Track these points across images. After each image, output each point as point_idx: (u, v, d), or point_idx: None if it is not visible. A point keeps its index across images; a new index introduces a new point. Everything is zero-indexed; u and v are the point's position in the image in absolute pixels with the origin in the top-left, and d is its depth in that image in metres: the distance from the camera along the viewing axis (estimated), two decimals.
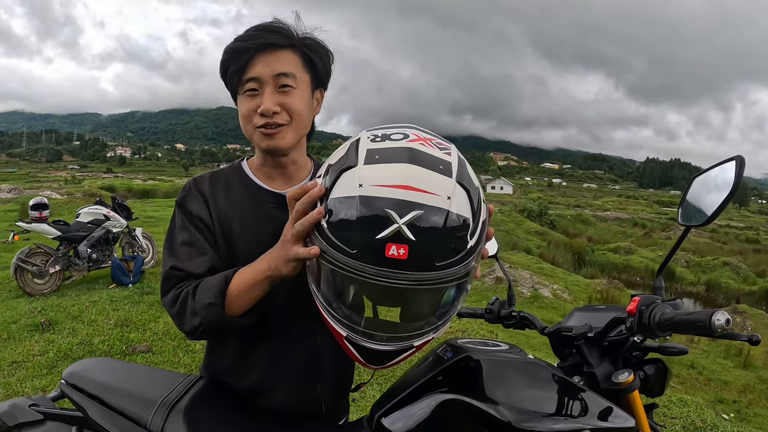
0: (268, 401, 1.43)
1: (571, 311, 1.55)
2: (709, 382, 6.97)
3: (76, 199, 21.71)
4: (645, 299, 1.18)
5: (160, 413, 1.31)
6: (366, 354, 1.09)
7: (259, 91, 1.33)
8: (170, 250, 1.37)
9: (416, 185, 0.96)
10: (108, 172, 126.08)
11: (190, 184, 1.45)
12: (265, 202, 1.43)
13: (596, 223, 40.18)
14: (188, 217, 1.39)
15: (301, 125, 1.40)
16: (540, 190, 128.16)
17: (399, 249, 0.93)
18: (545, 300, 11.28)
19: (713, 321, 1.02)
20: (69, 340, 5.22)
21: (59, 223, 7.79)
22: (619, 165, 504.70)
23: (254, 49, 1.31)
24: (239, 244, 1.39)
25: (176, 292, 1.29)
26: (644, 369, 1.32)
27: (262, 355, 1.42)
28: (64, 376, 1.50)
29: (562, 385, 1.24)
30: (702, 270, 20.79)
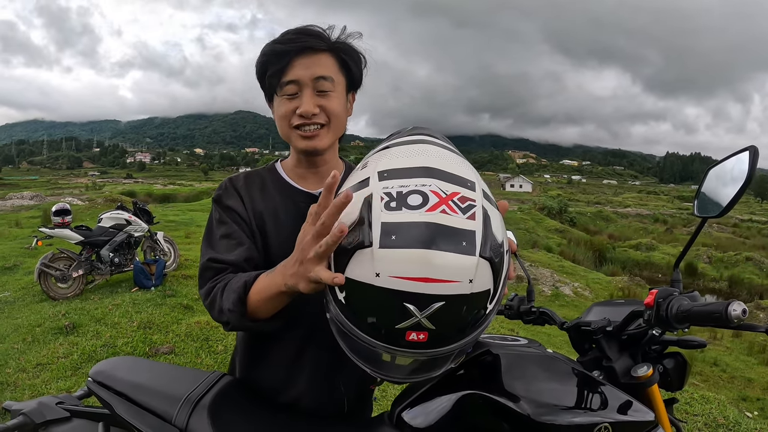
0: (292, 398, 1.46)
1: (590, 306, 1.55)
2: (733, 380, 6.87)
3: (97, 204, 22.00)
4: (662, 291, 1.18)
5: (185, 409, 1.34)
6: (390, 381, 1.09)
7: (298, 94, 1.36)
8: (209, 243, 1.40)
9: (438, 276, 0.88)
10: (128, 177, 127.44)
11: (227, 182, 1.50)
12: (298, 202, 1.46)
13: (617, 219, 39.80)
14: (226, 212, 1.43)
15: (338, 127, 1.44)
16: (559, 188, 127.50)
17: (419, 335, 0.90)
18: (566, 298, 11.23)
19: (729, 311, 1.02)
20: (93, 343, 5.30)
21: (81, 229, 7.91)
22: (639, 160, 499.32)
23: (294, 51, 1.34)
24: (273, 242, 1.42)
25: (210, 286, 1.31)
26: (663, 363, 1.32)
27: (287, 353, 1.45)
28: (91, 374, 1.53)
29: (581, 378, 1.24)
30: (724, 266, 20.46)
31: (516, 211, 32.26)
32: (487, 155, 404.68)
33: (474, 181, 1.00)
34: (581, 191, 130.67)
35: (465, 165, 1.06)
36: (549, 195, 55.08)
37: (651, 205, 73.96)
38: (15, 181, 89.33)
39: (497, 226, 0.98)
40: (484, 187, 1.03)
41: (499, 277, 0.95)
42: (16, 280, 8.73)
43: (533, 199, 53.66)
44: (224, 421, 1.33)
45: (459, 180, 0.99)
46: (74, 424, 1.51)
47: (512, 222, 26.55)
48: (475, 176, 1.03)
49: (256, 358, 1.50)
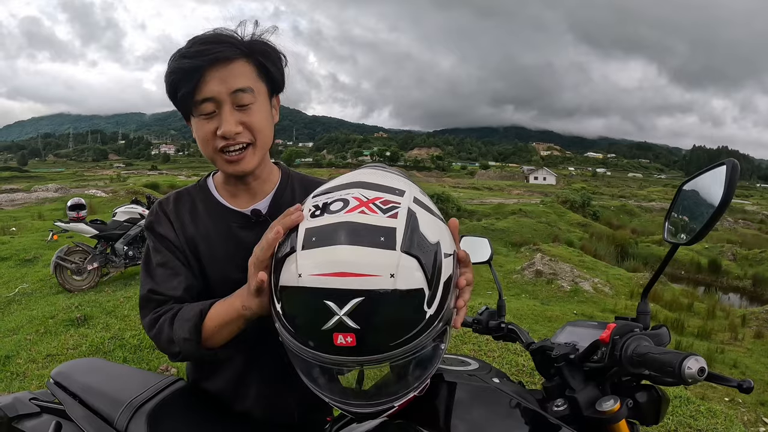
0: (242, 406, 1.45)
1: (564, 325, 1.42)
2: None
3: (119, 197, 22.25)
4: (621, 327, 1.07)
5: (126, 413, 1.35)
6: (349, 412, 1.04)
7: (217, 112, 1.25)
8: (147, 272, 1.36)
9: (354, 270, 0.87)
10: (153, 169, 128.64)
11: (156, 208, 1.44)
12: (229, 222, 1.41)
13: (641, 214, 39.22)
14: (159, 240, 1.38)
15: (265, 142, 1.34)
16: (584, 181, 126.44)
17: (346, 338, 0.87)
18: (585, 294, 11.07)
19: (684, 368, 0.90)
20: (102, 335, 5.38)
21: (96, 223, 8.06)
22: (665, 153, 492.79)
23: (205, 65, 1.22)
24: (208, 265, 1.38)
25: (154, 317, 1.28)
26: (635, 396, 1.16)
27: (238, 361, 1.43)
28: (52, 375, 1.59)
29: (529, 417, 1.14)
30: (749, 263, 20.00)
31: (538, 204, 32.02)
32: (511, 147, 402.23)
33: (404, 190, 1.00)
34: (606, 184, 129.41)
35: (400, 180, 1.05)
36: (572, 188, 54.65)
37: None
38: (41, 174, 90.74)
39: (430, 228, 0.95)
40: (419, 196, 1.01)
41: (434, 279, 0.92)
42: (35, 272, 8.92)
43: (557, 192, 53.28)
44: (162, 425, 1.35)
45: (385, 188, 0.99)
46: (43, 419, 1.54)
47: (534, 215, 26.37)
48: (408, 187, 1.02)
49: (205, 370, 1.48)
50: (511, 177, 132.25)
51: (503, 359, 4.80)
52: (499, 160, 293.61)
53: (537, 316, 8.28)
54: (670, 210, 1.21)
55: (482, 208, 31.94)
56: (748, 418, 5.53)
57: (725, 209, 1.02)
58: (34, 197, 24.95)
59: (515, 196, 52.01)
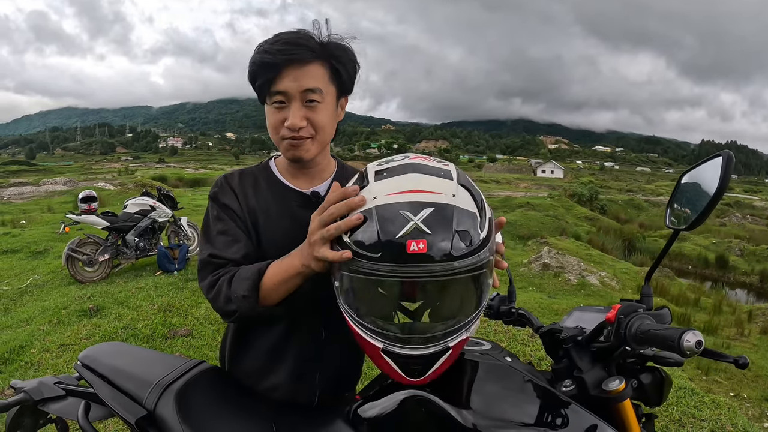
0: (270, 383, 1.52)
1: (572, 310, 1.50)
2: (757, 379, 6.66)
3: (128, 189, 22.35)
4: (626, 307, 1.13)
5: (155, 393, 1.41)
6: (404, 364, 1.12)
7: (287, 104, 1.38)
8: (207, 239, 1.45)
9: (423, 188, 1.06)
10: (160, 162, 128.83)
11: (222, 180, 1.54)
12: (289, 200, 1.52)
13: (648, 208, 38.97)
14: (222, 209, 1.47)
15: (325, 137, 1.46)
16: (591, 174, 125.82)
17: (419, 244, 0.99)
18: (592, 288, 11.05)
19: (683, 341, 0.95)
20: (114, 325, 5.46)
21: (107, 215, 8.12)
22: (674, 148, 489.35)
23: (282, 64, 1.34)
24: (264, 238, 1.47)
25: (213, 278, 1.37)
26: (640, 377, 1.24)
27: (275, 336, 1.51)
28: (80, 358, 1.64)
29: (541, 393, 1.19)
30: (756, 259, 19.82)
31: (546, 198, 31.92)
32: (519, 140, 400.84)
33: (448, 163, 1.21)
34: (614, 178, 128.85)
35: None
36: (580, 181, 54.40)
37: None
38: (50, 167, 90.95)
39: (473, 182, 1.17)
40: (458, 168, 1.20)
41: (482, 210, 1.10)
42: (46, 263, 9.01)
43: (564, 185, 53.05)
44: (189, 404, 1.39)
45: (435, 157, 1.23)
46: (69, 401, 1.61)
47: (542, 208, 26.29)
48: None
49: (242, 348, 1.55)
50: (519, 170, 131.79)
51: (511, 348, 4.84)
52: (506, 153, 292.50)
53: (544, 309, 8.30)
54: (671, 198, 1.28)
55: (490, 201, 31.20)
56: (752, 413, 5.54)
57: (721, 197, 1.09)
58: (42, 190, 25.07)
59: (523, 189, 51.85)
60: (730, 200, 53.88)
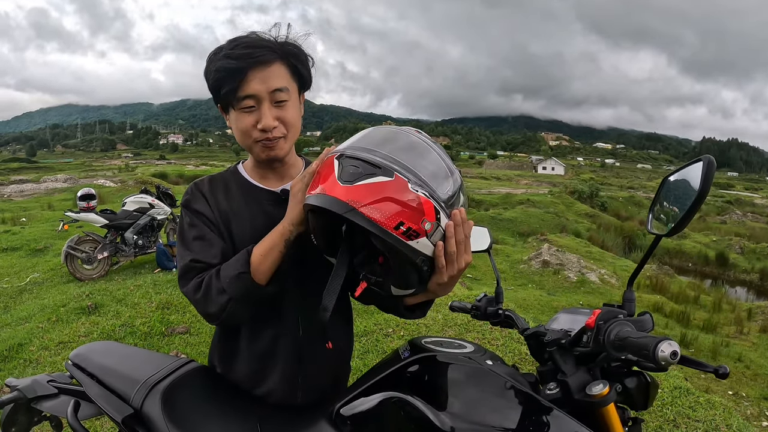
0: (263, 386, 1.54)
1: (559, 312, 1.47)
2: (756, 377, 6.67)
3: (128, 186, 22.38)
4: (605, 312, 1.12)
5: (141, 392, 1.43)
6: (345, 165, 1.17)
7: (256, 107, 1.39)
8: (184, 246, 1.46)
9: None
10: (161, 159, 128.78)
11: (192, 187, 1.56)
12: (260, 200, 1.55)
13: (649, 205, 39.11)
14: (195, 215, 1.49)
15: (296, 134, 1.50)
16: (592, 171, 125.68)
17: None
18: (592, 285, 11.08)
19: (657, 351, 0.94)
20: (112, 322, 5.45)
21: (106, 213, 8.13)
22: (675, 145, 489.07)
23: (248, 67, 1.36)
24: (238, 239, 1.49)
25: (198, 281, 1.39)
26: (624, 382, 1.21)
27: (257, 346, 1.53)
28: (71, 357, 1.66)
29: (522, 399, 1.18)
30: (756, 257, 19.80)
31: (546, 195, 31.94)
32: (520, 137, 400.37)
33: None
34: (614, 175, 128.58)
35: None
36: (581, 178, 54.43)
37: None
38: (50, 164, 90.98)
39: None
40: None
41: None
42: (46, 261, 9.02)
43: (565, 182, 53.03)
44: (175, 403, 1.40)
45: None
46: (61, 399, 1.62)
47: (542, 205, 26.32)
48: None
49: (232, 355, 1.57)
50: (520, 167, 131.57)
51: (506, 347, 4.84)
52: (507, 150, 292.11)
53: (543, 306, 8.32)
54: (653, 203, 1.27)
55: (490, 197, 31.88)
56: (751, 412, 5.55)
57: (702, 201, 1.07)
58: (43, 188, 25.12)
59: (523, 186, 51.82)
60: (731, 198, 53.84)
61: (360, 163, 1.14)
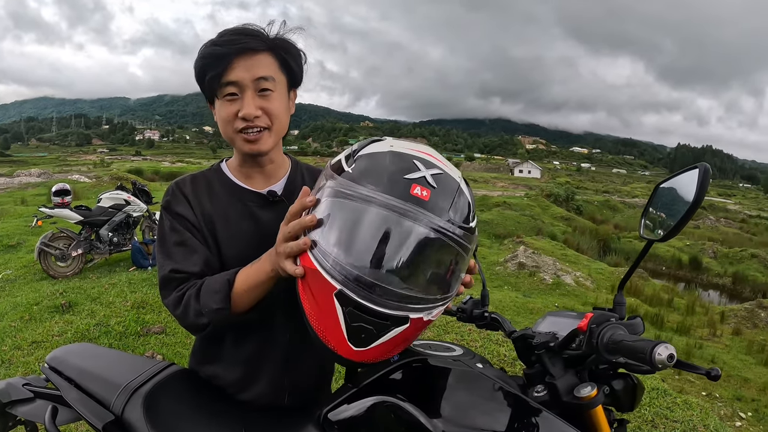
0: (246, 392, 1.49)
1: (545, 315, 1.48)
2: (729, 379, 6.80)
3: (103, 182, 22.08)
4: (598, 316, 1.12)
5: (122, 397, 1.37)
6: (353, 321, 1.04)
7: (239, 96, 1.35)
8: (164, 252, 1.40)
9: (438, 157, 1.12)
10: (137, 155, 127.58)
11: (173, 188, 1.48)
12: (246, 201, 1.48)
13: (624, 209, 39.40)
14: (176, 219, 1.42)
15: (280, 127, 1.44)
16: (568, 175, 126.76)
17: (423, 191, 1.02)
18: (567, 287, 11.14)
19: (654, 354, 0.94)
20: (87, 322, 5.34)
21: (81, 209, 7.99)
22: (650, 150, 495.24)
23: (233, 53, 1.33)
24: (224, 244, 1.44)
25: (178, 294, 1.34)
26: (612, 384, 1.22)
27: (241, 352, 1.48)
28: (47, 360, 1.60)
29: (512, 401, 1.18)
30: (729, 261, 20.19)
31: (523, 197, 32.12)
32: (497, 139, 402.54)
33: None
34: (590, 179, 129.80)
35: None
36: (557, 182, 54.82)
37: None
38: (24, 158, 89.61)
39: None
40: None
41: (474, 212, 1.13)
42: (19, 258, 8.85)
43: (541, 185, 53.40)
44: (157, 408, 1.36)
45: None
46: (37, 404, 1.56)
47: (518, 208, 26.44)
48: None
49: (214, 361, 1.52)
50: (497, 169, 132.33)
51: (485, 349, 4.86)
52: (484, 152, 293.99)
53: (519, 308, 8.36)
54: (646, 208, 1.28)
55: None
56: (724, 413, 5.64)
57: (696, 209, 1.09)
58: (16, 182, 24.67)
59: (500, 188, 52.02)
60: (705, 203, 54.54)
61: (371, 320, 1.03)
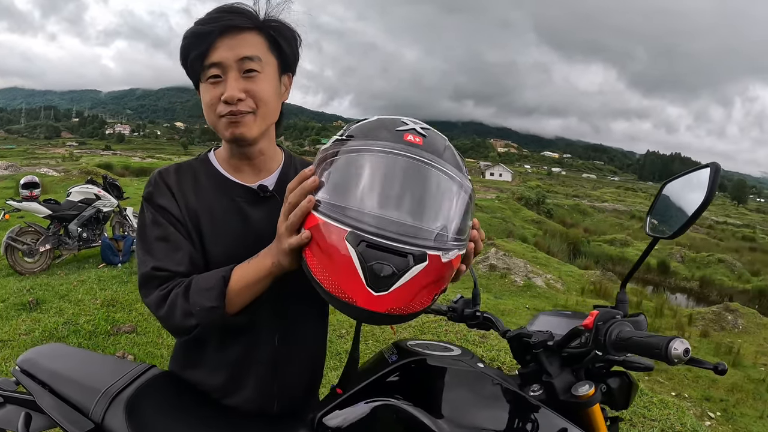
0: (230, 397, 1.40)
1: (537, 314, 1.48)
2: (697, 379, 6.92)
3: (72, 176, 21.65)
4: (603, 314, 1.12)
5: (102, 403, 1.30)
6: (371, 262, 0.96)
7: (223, 78, 1.25)
8: (145, 247, 1.30)
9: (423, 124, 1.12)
10: (106, 149, 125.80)
11: (156, 177, 1.37)
12: (234, 196, 1.38)
13: (594, 213, 40.06)
14: (159, 212, 1.32)
15: (268, 113, 1.33)
16: (539, 179, 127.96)
17: (415, 138, 1.06)
18: (538, 289, 11.21)
19: (670, 349, 0.94)
20: (55, 320, 5.20)
21: (50, 202, 7.77)
22: (620, 156, 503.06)
23: (216, 31, 1.23)
24: (209, 240, 1.34)
25: (161, 293, 1.24)
26: (607, 382, 1.23)
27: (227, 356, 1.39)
28: (18, 363, 1.50)
29: (512, 399, 1.18)
30: (696, 266, 20.71)
31: (494, 200, 32.33)
32: (469, 142, 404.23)
33: None
34: (560, 183, 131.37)
35: None
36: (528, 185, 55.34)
37: (628, 201, 74.59)
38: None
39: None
40: None
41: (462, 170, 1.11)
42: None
43: (512, 188, 53.85)
44: (141, 415, 1.29)
45: None
46: (7, 409, 1.47)
47: (489, 210, 26.62)
48: None
49: (198, 365, 1.42)
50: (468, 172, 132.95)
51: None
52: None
53: (490, 310, 8.34)
54: (652, 206, 1.29)
55: None
56: (693, 412, 5.72)
57: (707, 207, 1.10)
58: None
59: None
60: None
61: (387, 256, 0.96)
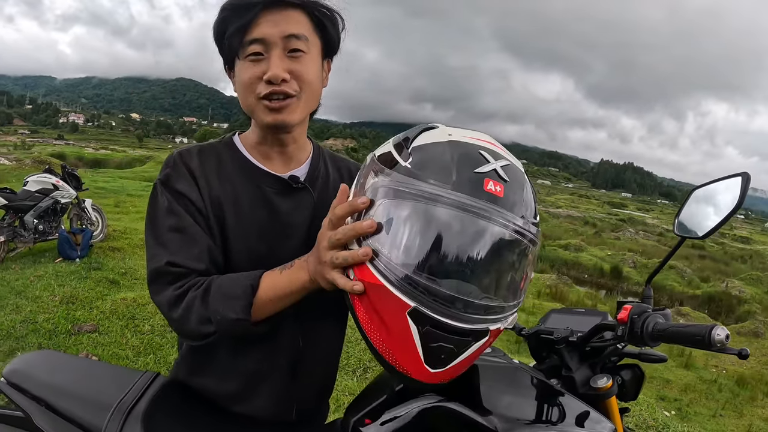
0: (243, 404, 1.29)
1: (548, 313, 1.53)
2: (652, 380, 7.25)
3: (25, 165, 21.00)
4: (637, 308, 1.16)
5: (116, 419, 1.17)
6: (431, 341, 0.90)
7: (265, 55, 1.14)
8: (157, 238, 1.17)
9: (501, 146, 0.99)
10: (59, 138, 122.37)
11: (176, 159, 1.23)
12: (262, 185, 1.26)
13: (548, 219, 40.73)
14: (177, 198, 1.18)
15: (312, 97, 1.23)
16: None
17: (496, 186, 0.90)
18: None
19: (713, 336, 0.98)
20: (12, 318, 4.93)
21: (5, 191, 7.39)
22: (574, 164, 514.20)
23: (261, 5, 1.12)
24: (232, 234, 1.22)
25: (176, 293, 1.11)
26: (621, 374, 1.31)
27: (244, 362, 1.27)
28: (5, 374, 1.32)
29: (542, 390, 1.19)
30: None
31: None
32: None
33: None
34: None
35: None
36: None
37: (582, 207, 76.21)
38: None
39: None
40: None
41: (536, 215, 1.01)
42: None
43: None
44: (162, 430, 1.20)
45: None
46: None
47: None
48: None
49: (210, 371, 1.30)
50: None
51: None
52: None
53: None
54: (681, 208, 1.38)
55: None
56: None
57: (737, 212, 1.20)
58: None
59: None
60: (625, 216, 57.53)
61: (450, 337, 0.90)
